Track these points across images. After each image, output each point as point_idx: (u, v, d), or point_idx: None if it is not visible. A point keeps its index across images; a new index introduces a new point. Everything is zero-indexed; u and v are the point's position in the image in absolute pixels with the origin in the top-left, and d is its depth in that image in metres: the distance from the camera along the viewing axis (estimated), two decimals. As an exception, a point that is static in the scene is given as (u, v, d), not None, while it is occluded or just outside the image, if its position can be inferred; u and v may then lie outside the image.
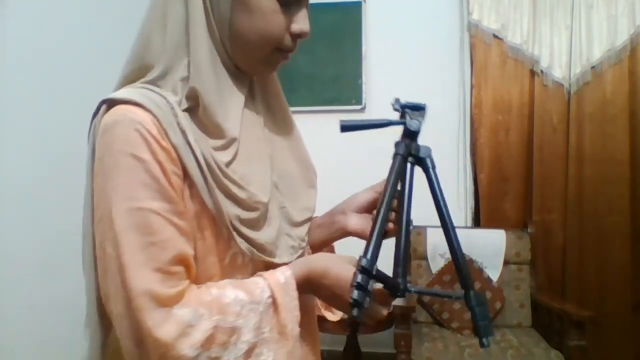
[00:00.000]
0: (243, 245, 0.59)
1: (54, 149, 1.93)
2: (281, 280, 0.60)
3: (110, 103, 0.58)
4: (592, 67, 2.50)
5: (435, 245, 2.45)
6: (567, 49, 2.54)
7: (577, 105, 2.53)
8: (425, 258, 2.46)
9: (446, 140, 2.69)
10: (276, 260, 0.63)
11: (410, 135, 0.68)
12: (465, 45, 2.69)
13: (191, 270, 0.58)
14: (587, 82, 2.51)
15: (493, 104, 2.61)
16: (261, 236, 0.61)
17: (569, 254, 2.53)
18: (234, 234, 0.59)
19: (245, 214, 0.60)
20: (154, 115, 0.56)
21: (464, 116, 2.70)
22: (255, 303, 0.58)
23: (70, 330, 2.03)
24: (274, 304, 0.59)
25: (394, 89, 2.76)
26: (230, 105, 0.62)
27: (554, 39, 2.55)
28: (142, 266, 0.53)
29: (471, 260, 2.35)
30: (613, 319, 2.43)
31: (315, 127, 2.79)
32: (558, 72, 2.54)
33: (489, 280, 2.34)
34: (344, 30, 2.75)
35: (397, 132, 0.73)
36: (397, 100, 0.68)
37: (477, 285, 2.32)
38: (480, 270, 2.34)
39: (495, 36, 2.60)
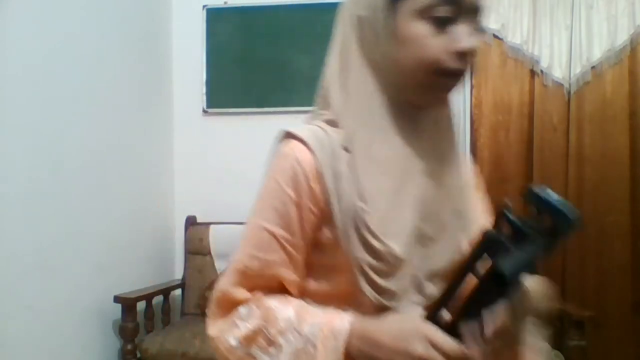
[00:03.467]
0: (367, 290, 0.60)
1: (53, 149, 1.93)
2: (337, 325, 0.59)
3: (289, 135, 0.66)
4: (592, 67, 2.50)
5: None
6: (567, 49, 2.54)
7: (577, 105, 2.52)
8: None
9: (446, 140, 2.68)
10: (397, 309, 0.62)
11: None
12: (465, 45, 2.69)
13: (279, 291, 0.65)
14: (587, 82, 2.51)
15: (493, 104, 2.61)
16: (390, 285, 0.61)
17: (569, 254, 2.53)
18: (361, 278, 0.60)
19: (378, 264, 0.60)
20: (316, 157, 0.62)
21: (464, 116, 2.70)
22: (298, 332, 0.59)
23: (70, 330, 2.03)
24: (314, 347, 0.58)
25: (394, 89, 2.77)
26: (380, 153, 0.62)
27: (554, 39, 2.55)
28: (240, 270, 0.64)
29: (471, 260, 2.35)
30: (613, 319, 2.42)
31: (315, 127, 2.80)
32: (558, 72, 2.54)
33: (489, 280, 2.33)
34: (344, 30, 2.74)
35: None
36: (536, 192, 0.54)
37: (477, 285, 2.31)
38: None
39: (495, 36, 2.60)
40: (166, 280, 2.67)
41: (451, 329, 0.55)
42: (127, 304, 2.13)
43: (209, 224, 2.66)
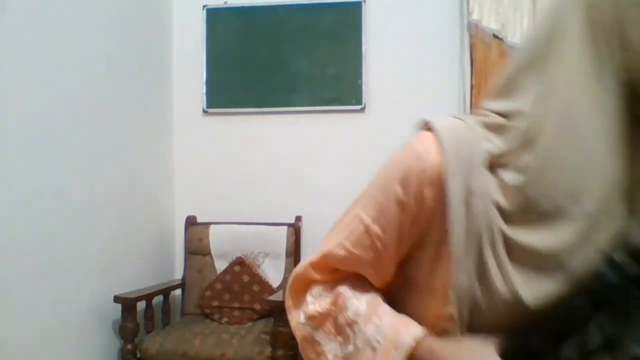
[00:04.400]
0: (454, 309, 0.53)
1: (53, 149, 1.93)
2: (402, 335, 0.53)
3: (426, 126, 0.57)
4: (592, 67, 2.50)
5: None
6: (567, 49, 2.54)
7: (577, 105, 2.53)
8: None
9: (446, 140, 2.68)
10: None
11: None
12: (465, 45, 2.69)
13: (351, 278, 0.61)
14: (587, 82, 2.51)
15: (493, 104, 2.61)
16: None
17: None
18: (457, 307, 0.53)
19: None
20: (445, 162, 0.51)
21: (464, 116, 2.70)
22: (363, 330, 0.56)
23: (70, 330, 2.03)
24: (374, 350, 0.54)
25: (394, 89, 2.77)
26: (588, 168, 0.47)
27: (554, 39, 2.55)
28: (319, 253, 0.61)
29: (471, 260, 2.35)
30: (613, 319, 2.43)
31: (315, 127, 2.80)
32: (558, 72, 2.54)
33: (489, 280, 2.33)
34: (344, 30, 2.75)
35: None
36: None
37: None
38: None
39: (495, 36, 2.60)
40: (166, 280, 2.68)
41: None
42: (127, 304, 2.13)
43: (209, 224, 2.66)
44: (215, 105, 2.85)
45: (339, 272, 0.62)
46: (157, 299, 2.40)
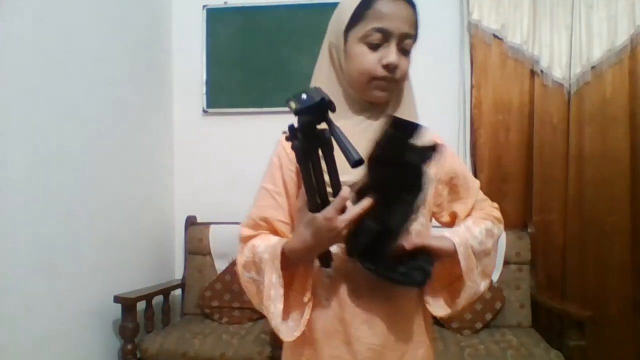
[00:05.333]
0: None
1: (53, 149, 1.93)
2: (276, 248, 0.84)
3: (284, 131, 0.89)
4: (592, 67, 2.50)
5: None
6: (567, 49, 2.54)
7: (577, 105, 2.52)
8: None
9: (446, 140, 2.66)
10: None
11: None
12: (465, 45, 2.69)
13: (273, 228, 0.91)
14: (587, 82, 2.51)
15: (493, 104, 2.61)
16: None
17: (569, 254, 2.53)
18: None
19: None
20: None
21: (464, 116, 2.70)
22: (262, 259, 0.85)
23: (70, 330, 2.03)
24: (266, 263, 0.84)
25: (394, 89, 2.76)
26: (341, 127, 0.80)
27: (554, 39, 2.55)
28: (248, 217, 0.93)
29: (471, 260, 2.35)
30: (613, 319, 2.42)
31: (315, 127, 2.80)
32: (558, 72, 2.54)
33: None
34: (344, 30, 2.74)
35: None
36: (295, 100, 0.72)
37: (477, 285, 2.31)
38: (480, 270, 2.34)
39: (495, 36, 2.60)
40: (166, 280, 2.68)
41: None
42: (127, 304, 2.13)
43: (209, 224, 2.66)
44: (215, 105, 2.85)
45: (263, 229, 0.92)
46: (157, 299, 2.40)
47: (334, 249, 0.83)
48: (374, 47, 0.85)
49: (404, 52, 0.87)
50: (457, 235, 0.87)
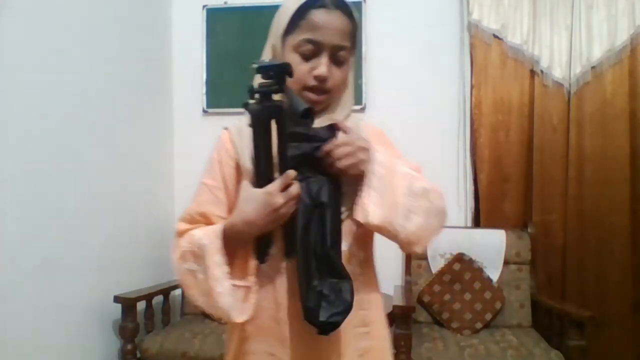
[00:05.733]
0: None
1: (53, 149, 1.93)
2: (217, 228, 0.84)
3: (225, 127, 0.97)
4: (592, 67, 2.50)
5: (435, 245, 2.45)
6: (567, 49, 2.54)
7: (577, 105, 2.52)
8: (425, 258, 2.46)
9: (446, 140, 2.68)
10: None
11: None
12: (465, 45, 2.69)
13: (210, 223, 0.88)
14: (587, 82, 2.51)
15: (493, 104, 2.61)
16: None
17: (569, 254, 2.53)
18: None
19: None
20: (232, 135, 0.93)
21: (464, 116, 2.70)
22: (200, 245, 0.84)
23: (70, 330, 2.03)
24: (201, 247, 0.83)
25: (394, 89, 2.77)
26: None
27: (554, 39, 2.55)
28: (186, 212, 0.93)
29: (471, 260, 2.35)
30: (613, 319, 2.42)
31: (315, 127, 2.80)
32: (558, 72, 2.54)
33: (489, 280, 2.34)
34: (344, 30, 2.75)
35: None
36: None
37: (477, 285, 2.32)
38: (481, 270, 2.34)
39: (495, 36, 2.60)
40: (166, 280, 2.67)
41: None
42: (127, 304, 2.13)
43: (209, 224, 2.66)
44: (215, 105, 2.85)
45: (199, 224, 0.90)
46: (157, 299, 2.40)
47: (273, 250, 0.83)
48: (306, 57, 0.85)
49: (338, 62, 0.87)
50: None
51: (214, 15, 2.86)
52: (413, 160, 0.94)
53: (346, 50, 0.87)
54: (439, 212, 0.87)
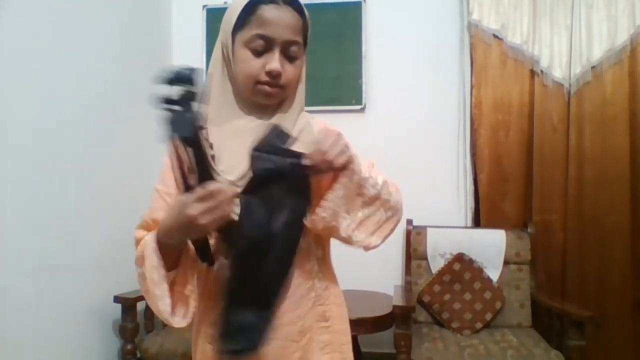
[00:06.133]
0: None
1: (53, 149, 1.93)
2: (152, 235, 0.82)
3: None
4: (592, 67, 2.50)
5: (435, 245, 2.45)
6: (567, 49, 2.54)
7: (577, 105, 2.52)
8: (425, 258, 2.46)
9: (446, 140, 2.69)
10: None
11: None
12: (465, 45, 2.69)
13: None
14: (587, 82, 2.51)
15: (493, 104, 2.61)
16: None
17: (569, 254, 2.53)
18: None
19: None
20: None
21: (464, 116, 2.70)
22: (143, 249, 0.83)
23: (70, 330, 2.03)
24: (146, 250, 0.82)
25: (394, 89, 2.77)
26: (232, 126, 0.88)
27: (554, 39, 2.55)
28: (142, 218, 0.92)
29: (471, 260, 2.35)
30: (613, 319, 2.42)
31: (315, 127, 2.80)
32: (558, 72, 2.54)
33: (489, 280, 2.34)
34: (344, 30, 2.75)
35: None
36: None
37: (477, 285, 2.32)
38: (481, 270, 2.34)
39: (495, 36, 2.60)
40: (166, 280, 2.67)
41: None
42: (127, 304, 2.13)
43: (209, 224, 2.66)
44: (215, 105, 2.85)
45: (149, 231, 0.88)
46: (157, 299, 2.40)
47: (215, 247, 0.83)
48: (258, 53, 0.85)
49: (290, 58, 0.87)
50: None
51: (214, 15, 2.86)
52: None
53: (298, 46, 0.87)
54: (394, 208, 0.89)
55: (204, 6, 2.87)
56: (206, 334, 0.88)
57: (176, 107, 0.70)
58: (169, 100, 0.70)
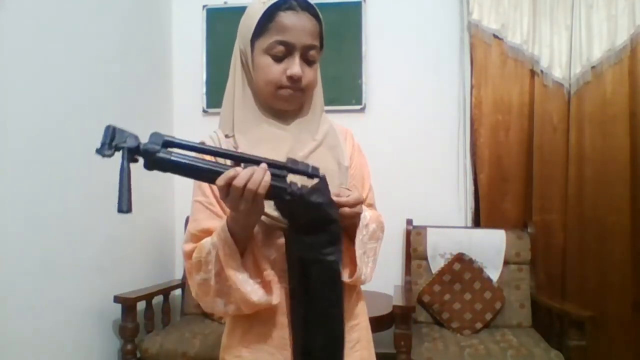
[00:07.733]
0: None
1: (53, 150, 1.93)
2: (223, 228, 0.83)
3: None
4: (592, 67, 2.50)
5: (435, 245, 2.45)
6: (567, 49, 2.54)
7: (577, 105, 2.52)
8: (425, 258, 2.46)
9: (446, 140, 2.69)
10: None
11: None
12: (465, 45, 2.69)
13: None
14: (587, 82, 2.51)
15: (493, 104, 2.61)
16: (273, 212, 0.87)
17: (569, 254, 2.53)
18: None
19: None
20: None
21: (464, 116, 2.70)
22: (206, 252, 0.85)
23: (70, 330, 2.03)
24: (210, 252, 0.84)
25: (394, 89, 2.77)
26: (255, 135, 0.92)
27: (554, 39, 2.55)
28: (188, 232, 0.91)
29: (471, 260, 2.35)
30: (613, 319, 2.42)
31: (315, 127, 2.80)
32: (558, 72, 2.54)
33: (489, 280, 2.34)
34: (344, 30, 2.75)
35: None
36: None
37: (477, 285, 2.32)
38: (481, 270, 2.34)
39: (495, 36, 2.60)
40: (166, 280, 2.68)
41: None
42: (127, 304, 2.13)
43: (209, 224, 2.66)
44: (215, 105, 2.85)
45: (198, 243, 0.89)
46: (157, 299, 2.40)
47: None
48: (278, 59, 0.88)
49: (309, 62, 0.91)
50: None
51: (214, 15, 2.86)
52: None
53: (316, 50, 0.91)
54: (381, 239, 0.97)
55: (204, 6, 2.87)
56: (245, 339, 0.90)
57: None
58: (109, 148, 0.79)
